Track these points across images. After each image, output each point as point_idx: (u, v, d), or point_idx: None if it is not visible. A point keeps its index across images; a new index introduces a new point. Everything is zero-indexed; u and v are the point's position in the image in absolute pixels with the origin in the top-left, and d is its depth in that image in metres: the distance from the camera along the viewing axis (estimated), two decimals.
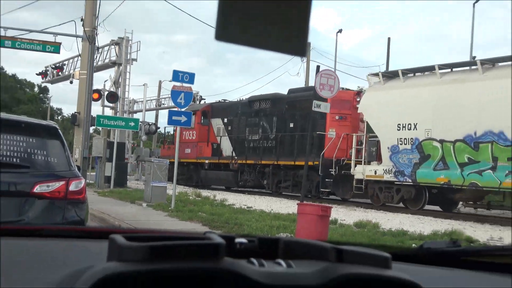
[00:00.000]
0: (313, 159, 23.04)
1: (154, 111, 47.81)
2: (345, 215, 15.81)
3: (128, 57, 30.69)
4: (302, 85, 37.10)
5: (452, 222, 15.75)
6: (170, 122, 17.30)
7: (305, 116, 23.69)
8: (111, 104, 28.89)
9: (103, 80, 31.83)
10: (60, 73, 35.27)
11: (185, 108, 31.89)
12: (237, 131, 28.93)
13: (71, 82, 31.87)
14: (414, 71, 20.87)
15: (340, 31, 47.82)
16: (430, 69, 20.15)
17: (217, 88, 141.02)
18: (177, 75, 16.23)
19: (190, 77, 16.35)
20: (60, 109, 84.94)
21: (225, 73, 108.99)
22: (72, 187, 5.91)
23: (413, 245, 11.61)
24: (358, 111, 22.87)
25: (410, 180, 19.72)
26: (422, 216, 18.62)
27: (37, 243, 1.16)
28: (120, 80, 30.18)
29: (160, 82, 48.66)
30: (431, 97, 18.99)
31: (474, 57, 20.62)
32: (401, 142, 20.07)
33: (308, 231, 10.23)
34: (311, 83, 17.67)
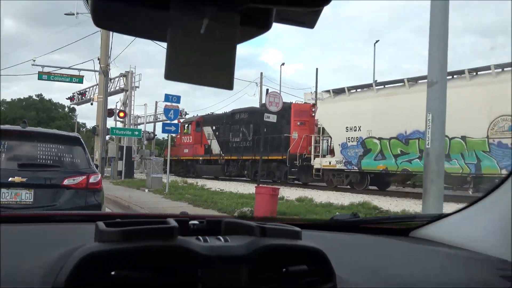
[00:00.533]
0: (282, 155, 23.21)
1: (152, 123, 47.49)
2: (290, 193, 15.84)
3: (133, 85, 30.43)
4: (257, 102, 37.28)
5: (364, 196, 15.82)
6: (164, 131, 17.27)
7: (274, 123, 23.55)
8: (121, 119, 28.44)
9: (115, 102, 31.39)
10: (83, 97, 34.74)
11: (183, 121, 32.94)
12: (223, 135, 28.51)
13: (91, 104, 31.55)
14: (356, 87, 20.71)
15: (283, 64, 49.29)
16: (369, 86, 20.20)
17: (197, 105, 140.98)
18: (167, 97, 16.35)
19: (177, 99, 16.50)
20: (84, 124, 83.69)
21: (203, 94, 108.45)
22: (91, 180, 5.88)
23: (337, 213, 11.83)
24: (315, 118, 22.84)
25: (357, 168, 19.69)
26: (343, 192, 18.82)
27: (44, 227, 1.13)
28: (127, 102, 29.82)
29: (156, 103, 48.51)
30: (370, 107, 18.84)
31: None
32: (349, 140, 19.92)
33: (263, 206, 10.33)
34: (263, 101, 17.82)
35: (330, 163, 20.97)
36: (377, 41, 40.94)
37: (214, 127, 29.94)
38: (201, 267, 0.75)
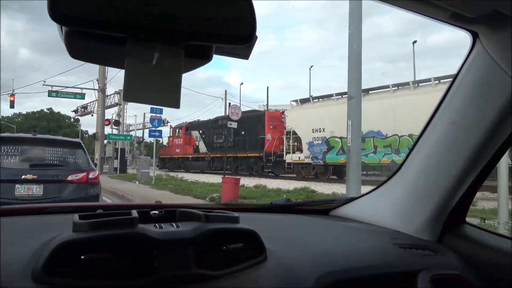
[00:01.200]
0: (259, 152, 22.49)
1: (141, 130, 46.40)
2: (248, 182, 15.83)
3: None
4: (223, 113, 36.87)
5: (305, 183, 15.91)
6: (150, 136, 16.92)
7: (251, 127, 22.96)
8: (116, 127, 27.60)
9: (111, 113, 30.30)
10: (85, 110, 33.52)
11: (174, 126, 31.75)
12: (208, 137, 27.04)
13: (92, 115, 30.57)
14: (319, 97, 19.95)
15: (242, 83, 49.31)
16: (329, 96, 19.24)
17: (176, 115, 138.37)
18: (153, 110, 16.12)
19: (160, 111, 16.18)
20: (87, 131, 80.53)
21: (181, 107, 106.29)
22: (90, 176, 5.70)
23: (284, 196, 11.97)
24: (286, 123, 22.04)
25: (322, 162, 18.94)
26: (289, 180, 18.51)
27: (35, 218, 1.08)
28: (120, 113, 28.94)
29: (144, 114, 47.42)
30: (332, 112, 17.91)
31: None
32: (315, 139, 19.15)
33: (228, 192, 10.32)
34: (227, 113, 17.46)
35: (299, 158, 20.21)
36: (311, 66, 42.14)
37: (200, 131, 28.38)
38: (157, 249, 0.73)
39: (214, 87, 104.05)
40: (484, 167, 1.10)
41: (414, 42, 22.49)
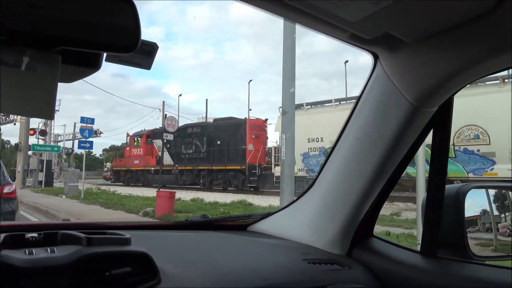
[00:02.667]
0: (240, 165, 19.96)
1: (71, 141, 43.80)
2: (185, 195, 15.49)
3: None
4: (160, 125, 35.44)
5: (242, 196, 15.96)
6: (79, 147, 15.91)
7: (229, 136, 20.58)
8: (42, 137, 25.75)
9: (37, 122, 28.22)
10: (7, 118, 30.83)
11: (132, 134, 27.34)
12: (175, 147, 23.38)
13: (14, 124, 28.07)
14: (311, 104, 17.58)
15: (180, 95, 49.30)
16: (324, 102, 17.19)
17: (111, 126, 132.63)
18: (83, 119, 15.33)
19: (91, 120, 15.32)
20: (8, 141, 74.28)
21: (116, 117, 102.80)
22: (5, 190, 5.26)
23: (221, 209, 11.91)
24: (274, 131, 19.06)
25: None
26: (227, 193, 18.16)
27: None
28: (47, 122, 27.10)
29: (74, 124, 44.91)
30: (331, 120, 15.15)
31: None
32: (311, 150, 17.09)
33: (162, 206, 10.01)
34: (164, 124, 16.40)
35: None
36: (250, 80, 42.82)
37: (165, 140, 25.31)
38: (24, 278, 0.65)
39: (152, 98, 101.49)
40: (387, 182, 1.14)
41: (346, 61, 23.91)
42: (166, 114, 15.20)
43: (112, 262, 0.74)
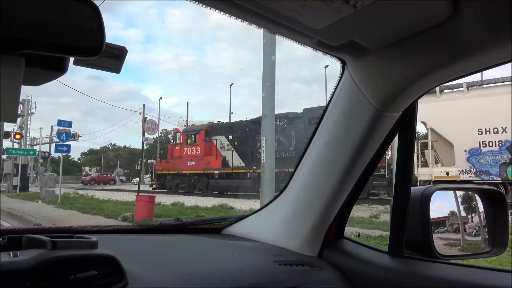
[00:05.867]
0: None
1: (48, 144, 42.75)
2: (166, 199, 15.32)
3: (29, 111, 27.11)
4: (140, 128, 34.40)
5: (224, 200, 15.87)
6: (56, 151, 15.63)
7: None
8: (17, 141, 25.08)
9: (12, 125, 27.46)
10: None
11: (183, 130, 22.80)
12: (243, 145, 19.21)
13: None
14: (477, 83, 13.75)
15: (161, 98, 48.88)
16: (480, 83, 13.40)
17: (89, 129, 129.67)
18: (60, 122, 15.05)
19: (69, 124, 15.02)
20: None
21: (94, 121, 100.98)
22: None
23: (202, 213, 11.80)
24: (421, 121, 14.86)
25: (499, 179, 12.57)
26: (208, 197, 18.19)
27: None
28: (23, 126, 26.43)
29: (52, 127, 43.86)
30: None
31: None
32: (483, 145, 12.89)
33: (142, 210, 9.89)
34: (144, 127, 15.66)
35: (447, 173, 13.07)
36: (232, 84, 42.93)
37: (230, 136, 20.05)
38: None
39: (131, 101, 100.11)
40: (356, 184, 1.17)
41: (326, 66, 24.12)
42: (145, 118, 15.00)
43: (78, 266, 0.73)
